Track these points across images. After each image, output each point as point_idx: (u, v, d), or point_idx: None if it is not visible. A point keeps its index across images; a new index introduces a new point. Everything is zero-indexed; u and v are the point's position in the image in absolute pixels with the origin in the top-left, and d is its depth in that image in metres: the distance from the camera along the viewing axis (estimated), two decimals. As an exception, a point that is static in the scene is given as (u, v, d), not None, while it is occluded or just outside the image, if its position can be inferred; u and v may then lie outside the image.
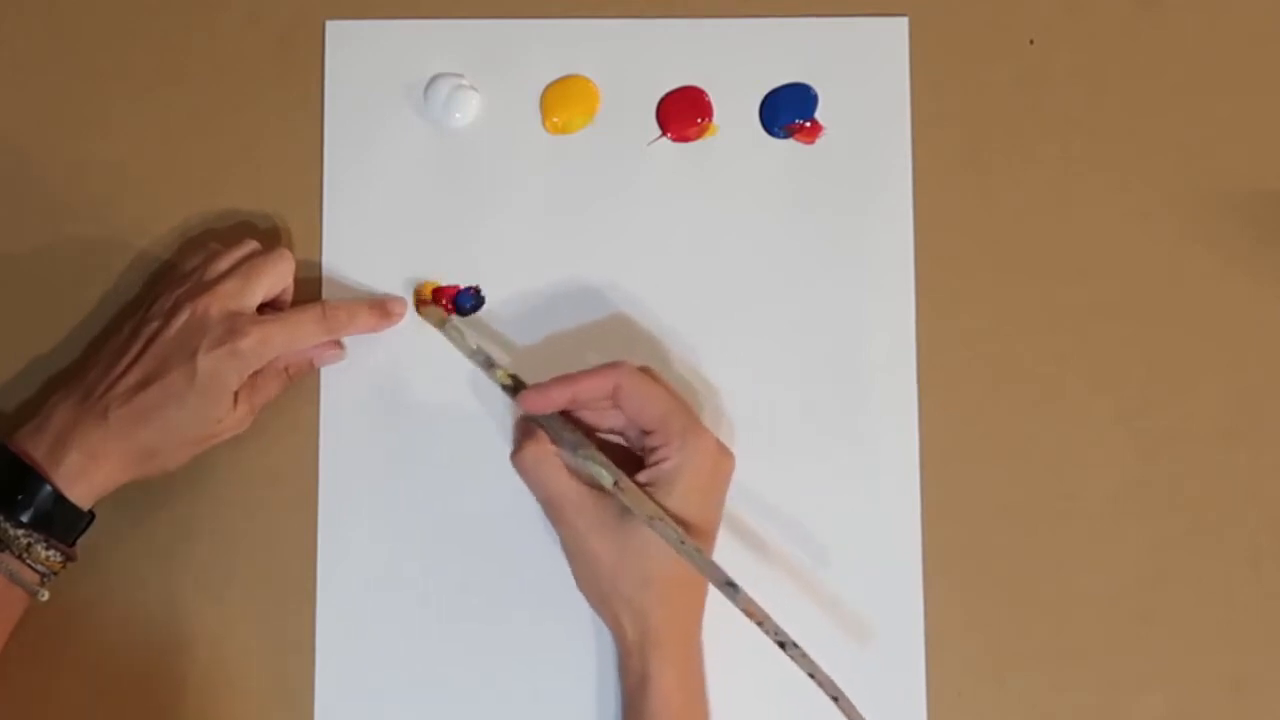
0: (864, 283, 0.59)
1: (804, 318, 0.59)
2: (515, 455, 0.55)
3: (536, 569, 0.57)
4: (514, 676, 0.57)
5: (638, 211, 0.59)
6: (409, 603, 0.57)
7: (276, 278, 0.56)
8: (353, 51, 0.59)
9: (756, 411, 0.58)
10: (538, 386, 0.54)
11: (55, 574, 0.53)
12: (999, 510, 0.58)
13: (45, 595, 0.53)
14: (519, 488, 0.57)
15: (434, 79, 0.59)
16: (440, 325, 0.57)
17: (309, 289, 0.58)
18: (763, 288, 0.59)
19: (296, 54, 0.59)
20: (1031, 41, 0.60)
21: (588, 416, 0.56)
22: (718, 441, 0.54)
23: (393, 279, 0.58)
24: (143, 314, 0.55)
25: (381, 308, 0.57)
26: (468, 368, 0.58)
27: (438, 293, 0.58)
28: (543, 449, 0.54)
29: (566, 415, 0.55)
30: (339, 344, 0.57)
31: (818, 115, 0.59)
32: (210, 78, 0.59)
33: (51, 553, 0.52)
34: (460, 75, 0.59)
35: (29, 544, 0.52)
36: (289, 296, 0.57)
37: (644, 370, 0.55)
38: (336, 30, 0.59)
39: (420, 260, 0.58)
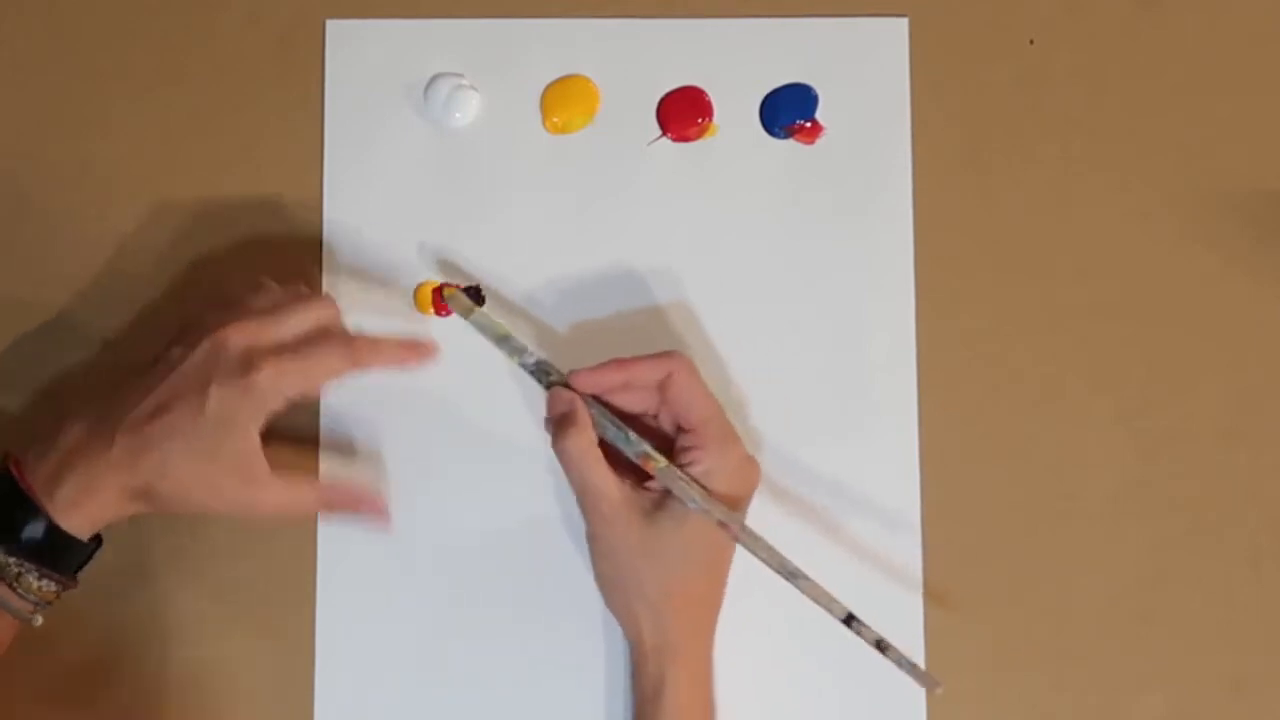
0: (864, 283, 0.59)
1: (804, 318, 0.59)
2: (558, 443, 0.52)
3: (538, 570, 0.57)
4: (514, 677, 0.57)
5: (638, 211, 0.59)
6: (409, 604, 0.57)
7: (312, 318, 0.53)
8: (353, 51, 0.59)
9: (756, 411, 0.58)
10: (589, 368, 0.53)
11: (49, 604, 0.51)
12: (999, 510, 0.58)
13: (39, 620, 0.51)
14: (520, 487, 0.58)
15: (434, 79, 0.59)
16: (467, 314, 0.55)
17: (308, 288, 0.58)
18: (762, 288, 0.59)
19: (296, 54, 0.59)
20: (1031, 41, 0.60)
21: (620, 401, 0.54)
22: (746, 453, 0.54)
23: (393, 279, 0.58)
24: (172, 338, 0.53)
25: (413, 348, 0.55)
26: (467, 368, 0.58)
27: (438, 292, 0.58)
28: (587, 439, 0.52)
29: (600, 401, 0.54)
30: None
31: (818, 115, 0.59)
32: (210, 78, 0.59)
33: (44, 583, 0.50)
34: (460, 75, 0.59)
35: (19, 573, 0.50)
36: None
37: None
38: (337, 30, 0.59)
39: (420, 260, 0.58)
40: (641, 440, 0.53)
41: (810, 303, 0.59)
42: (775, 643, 0.57)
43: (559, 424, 0.53)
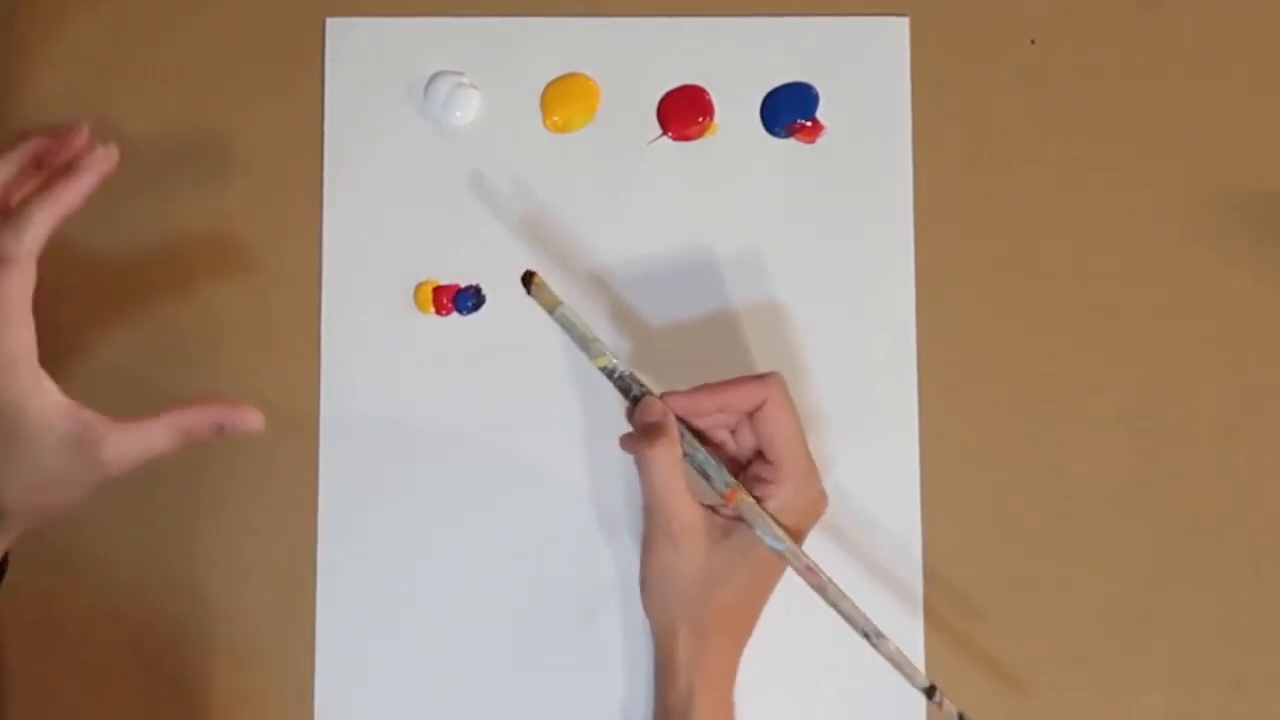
0: (864, 283, 0.59)
1: (804, 317, 0.58)
2: (645, 452, 0.50)
3: (537, 570, 0.57)
4: (513, 677, 0.57)
5: (638, 211, 0.59)
6: (409, 603, 0.57)
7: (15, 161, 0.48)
8: (353, 49, 0.59)
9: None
10: (683, 392, 0.52)
11: None
12: (999, 510, 0.58)
13: None
14: (520, 487, 0.57)
15: (434, 77, 0.59)
16: (552, 309, 0.53)
17: (308, 288, 0.58)
18: (762, 287, 0.59)
19: (296, 52, 0.59)
20: (1032, 41, 0.60)
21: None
22: (821, 489, 0.53)
23: (392, 279, 0.58)
24: None
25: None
26: (467, 368, 0.58)
27: (438, 292, 0.58)
28: (674, 455, 0.51)
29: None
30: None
31: (818, 115, 0.59)
32: (210, 76, 0.59)
33: None
34: (461, 73, 0.59)
35: None
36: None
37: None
38: (337, 28, 0.59)
39: (420, 260, 0.58)
40: (728, 472, 0.52)
41: (810, 302, 0.59)
42: (782, 658, 0.57)
43: (647, 433, 0.51)
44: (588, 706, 0.57)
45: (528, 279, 0.52)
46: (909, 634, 0.57)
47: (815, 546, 0.56)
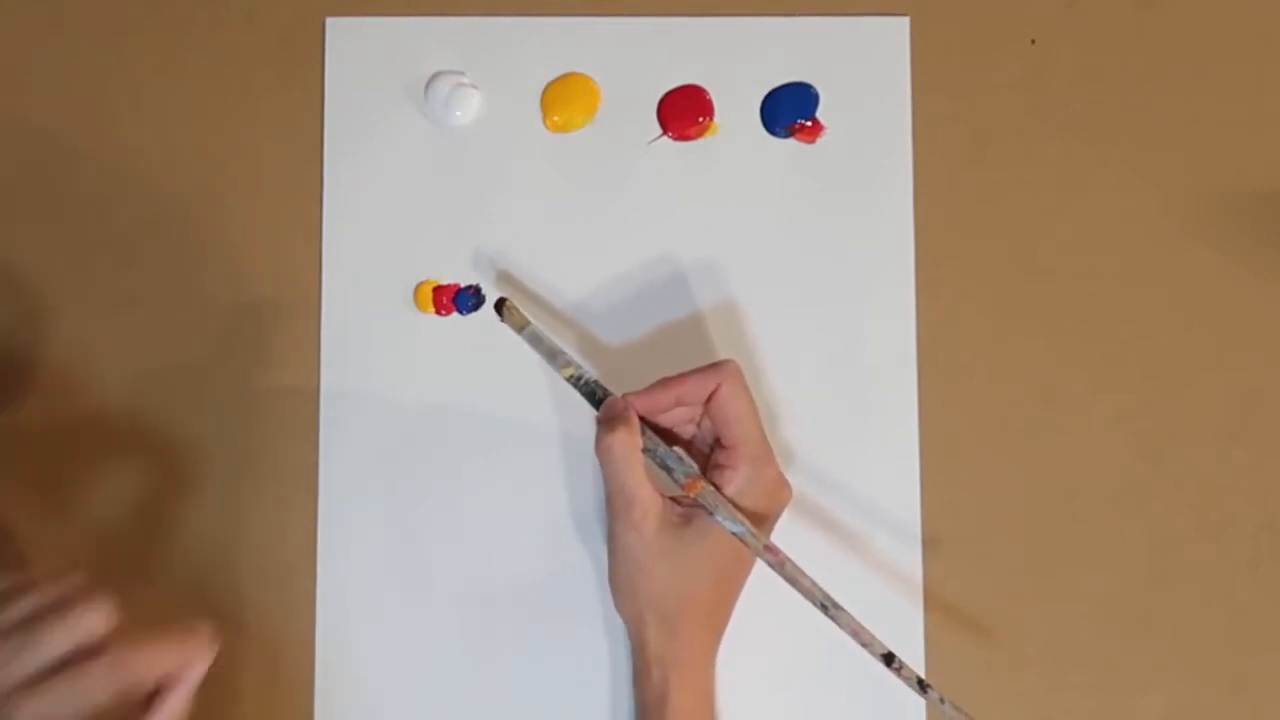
0: (864, 283, 0.59)
1: (804, 317, 0.58)
2: (605, 439, 0.51)
3: (538, 569, 0.57)
4: (516, 678, 0.57)
5: (638, 211, 0.59)
6: (409, 603, 0.57)
7: (73, 633, 0.45)
8: (353, 49, 0.59)
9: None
10: (640, 392, 0.53)
11: None
12: (999, 510, 0.58)
13: None
14: (520, 486, 0.57)
15: (434, 77, 0.59)
16: (520, 329, 0.55)
17: (308, 288, 0.58)
18: (762, 288, 0.59)
19: (296, 52, 0.59)
20: (1033, 41, 0.60)
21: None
22: (779, 473, 0.53)
23: (392, 278, 0.58)
24: None
25: (188, 646, 0.47)
26: (467, 368, 0.58)
27: (438, 292, 0.58)
28: (634, 442, 0.52)
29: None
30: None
31: (819, 115, 0.59)
32: (210, 76, 0.59)
33: None
34: (461, 73, 0.59)
35: None
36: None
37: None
38: (337, 27, 0.59)
39: (420, 259, 0.58)
40: (692, 463, 0.53)
41: (810, 303, 0.59)
42: (775, 657, 0.57)
43: (608, 422, 0.52)
44: (584, 705, 0.57)
45: (499, 305, 0.55)
46: (909, 633, 0.57)
47: (816, 546, 0.57)
